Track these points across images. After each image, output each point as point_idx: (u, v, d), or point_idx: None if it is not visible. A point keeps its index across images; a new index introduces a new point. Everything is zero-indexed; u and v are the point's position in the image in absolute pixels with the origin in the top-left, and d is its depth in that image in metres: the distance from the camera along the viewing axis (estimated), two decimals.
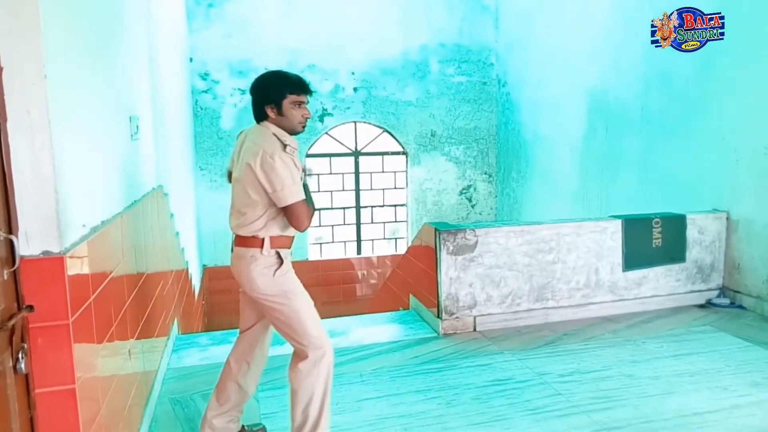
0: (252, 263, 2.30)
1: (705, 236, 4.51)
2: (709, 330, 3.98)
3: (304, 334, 2.32)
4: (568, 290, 4.24)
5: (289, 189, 2.23)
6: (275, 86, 2.33)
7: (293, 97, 2.32)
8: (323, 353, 2.34)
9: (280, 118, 2.33)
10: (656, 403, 2.96)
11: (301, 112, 2.35)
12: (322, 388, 2.34)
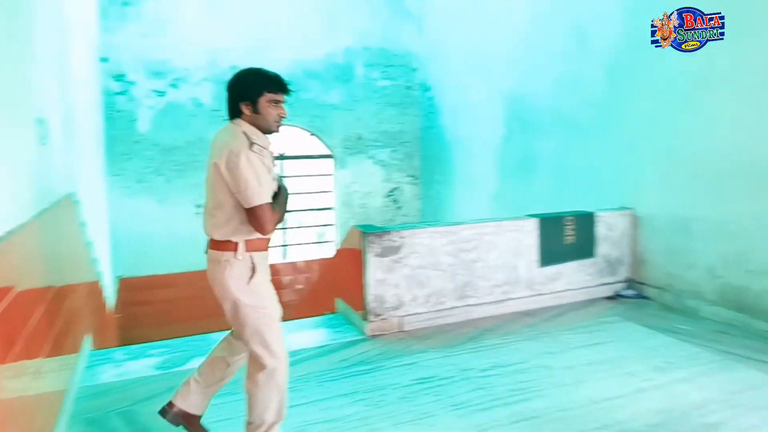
0: (227, 268, 2.25)
1: (613, 232, 4.82)
2: (617, 320, 4.26)
3: (268, 344, 2.31)
4: (489, 287, 4.40)
5: (253, 189, 2.16)
6: (253, 83, 2.28)
7: (270, 95, 2.28)
8: (281, 364, 2.34)
9: (255, 116, 2.29)
10: (570, 392, 3.13)
11: (277, 111, 2.31)
12: (277, 397, 2.35)
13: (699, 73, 4.28)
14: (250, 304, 2.28)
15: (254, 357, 2.35)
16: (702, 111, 4.29)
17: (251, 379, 2.35)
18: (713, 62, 4.15)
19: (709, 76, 4.20)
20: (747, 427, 2.73)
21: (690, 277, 4.42)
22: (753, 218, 3.93)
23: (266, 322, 2.31)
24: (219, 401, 2.69)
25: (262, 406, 2.33)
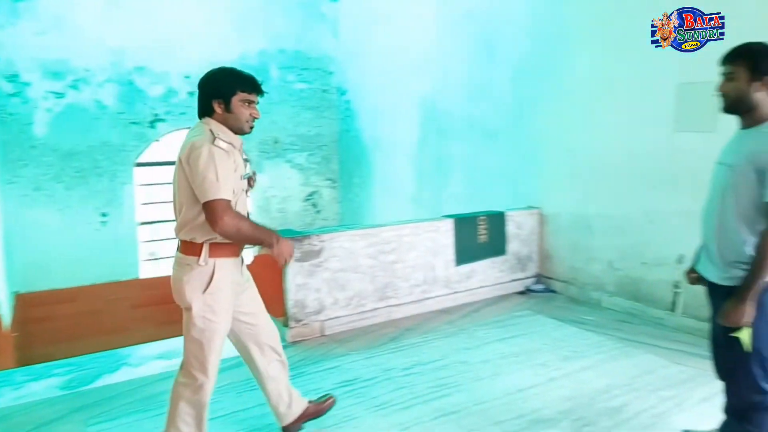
0: (186, 272, 2.21)
1: (522, 230, 5.06)
2: (528, 314, 4.48)
3: (205, 358, 2.27)
4: (409, 287, 4.49)
5: (210, 183, 2.09)
6: (226, 81, 2.25)
7: (243, 94, 2.24)
8: (209, 382, 2.32)
9: (227, 115, 2.24)
10: (488, 385, 3.26)
11: (249, 111, 2.27)
12: (197, 412, 2.33)
13: (596, 80, 4.60)
14: (200, 314, 2.23)
15: (186, 367, 2.31)
16: (599, 116, 4.61)
17: (175, 389, 2.32)
18: (608, 71, 4.48)
19: (604, 83, 4.53)
20: (646, 408, 2.97)
21: (592, 271, 4.73)
22: (645, 215, 4.27)
23: (209, 336, 2.26)
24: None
25: (180, 419, 2.31)
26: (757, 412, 2.13)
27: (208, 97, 2.25)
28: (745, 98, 2.07)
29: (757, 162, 2.01)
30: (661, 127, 4.09)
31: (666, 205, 4.11)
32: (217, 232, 2.13)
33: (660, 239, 4.18)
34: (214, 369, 2.33)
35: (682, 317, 4.04)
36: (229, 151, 2.19)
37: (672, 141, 4.04)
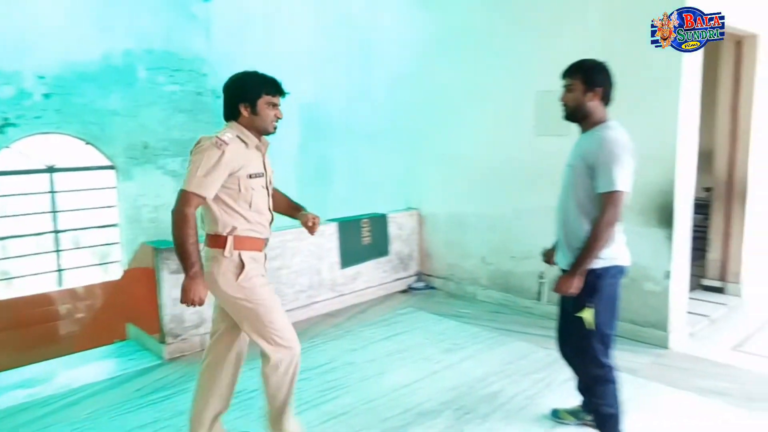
0: (215, 265, 2.29)
1: (403, 231, 5.23)
2: (411, 311, 4.63)
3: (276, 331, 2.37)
4: (294, 293, 4.45)
5: (191, 174, 2.21)
6: (252, 85, 2.35)
7: (268, 97, 2.35)
8: (286, 355, 2.42)
9: (254, 117, 2.34)
10: (375, 384, 3.32)
11: (274, 113, 2.39)
12: (286, 388, 2.45)
13: (467, 86, 4.88)
14: (243, 297, 2.31)
15: (265, 351, 2.40)
16: (470, 121, 4.89)
17: (262, 372, 2.43)
18: (477, 78, 4.77)
19: (474, 90, 4.81)
20: (520, 391, 3.20)
21: (467, 266, 5.01)
22: (513, 212, 4.61)
23: (265, 311, 2.34)
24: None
25: (272, 398, 2.44)
26: (600, 385, 2.42)
27: (234, 101, 2.35)
28: (581, 107, 2.39)
29: (588, 159, 2.32)
30: (524, 132, 4.44)
31: (530, 203, 4.46)
32: (172, 216, 2.21)
33: (526, 234, 4.53)
34: (291, 334, 2.45)
35: (547, 305, 4.41)
36: (232, 149, 2.25)
37: (533, 144, 4.39)
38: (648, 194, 3.76)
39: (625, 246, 2.45)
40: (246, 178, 2.32)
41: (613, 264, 2.36)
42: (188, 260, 2.20)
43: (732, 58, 4.61)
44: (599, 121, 2.40)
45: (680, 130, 3.63)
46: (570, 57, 4.05)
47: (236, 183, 2.30)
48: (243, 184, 2.31)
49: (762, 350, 3.77)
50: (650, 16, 3.69)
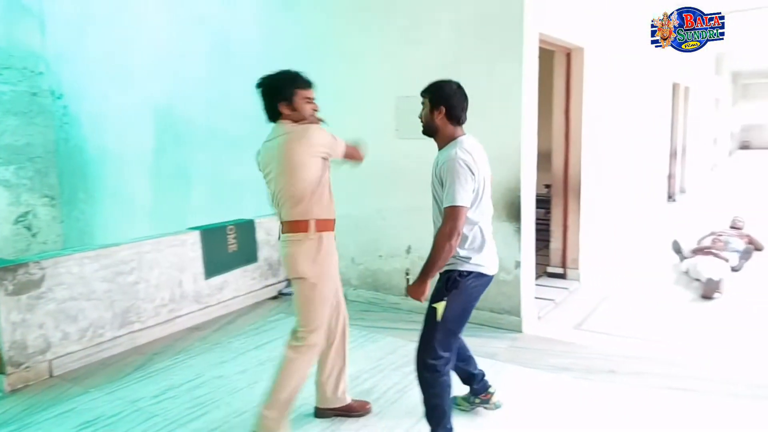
0: (296, 246, 2.53)
1: (271, 236, 5.15)
2: (282, 317, 4.58)
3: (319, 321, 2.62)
4: (154, 308, 4.19)
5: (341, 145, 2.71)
6: (285, 84, 2.52)
7: (302, 92, 2.52)
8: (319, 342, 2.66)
9: (294, 114, 2.52)
10: (246, 395, 3.24)
11: (311, 106, 2.57)
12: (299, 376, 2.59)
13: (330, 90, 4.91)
14: (312, 281, 2.56)
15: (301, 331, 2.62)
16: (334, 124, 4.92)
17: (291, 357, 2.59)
18: (341, 81, 4.84)
19: (338, 93, 4.87)
20: (392, 385, 3.31)
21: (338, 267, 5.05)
22: (378, 213, 4.75)
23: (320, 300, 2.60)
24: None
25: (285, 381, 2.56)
26: (431, 374, 2.53)
27: (273, 103, 2.53)
28: (429, 124, 2.58)
29: (439, 175, 2.50)
30: (386, 135, 4.60)
31: (394, 203, 4.63)
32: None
33: (391, 233, 4.69)
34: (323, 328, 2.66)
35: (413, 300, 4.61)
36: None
37: (395, 146, 4.56)
38: (498, 192, 4.09)
39: (494, 255, 2.64)
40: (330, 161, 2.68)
41: (477, 270, 2.53)
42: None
43: (563, 67, 5.16)
44: (449, 137, 2.55)
45: (523, 133, 4.00)
46: (424, 65, 4.31)
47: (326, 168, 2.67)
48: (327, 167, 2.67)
49: (598, 327, 4.27)
50: (494, 31, 4.02)
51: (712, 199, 11.38)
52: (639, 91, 7.14)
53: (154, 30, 6.41)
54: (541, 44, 4.33)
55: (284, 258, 2.61)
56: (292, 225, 2.56)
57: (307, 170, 2.49)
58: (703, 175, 14.90)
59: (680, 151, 11.42)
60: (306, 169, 2.49)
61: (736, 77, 26.10)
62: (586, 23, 5.10)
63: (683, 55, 10.50)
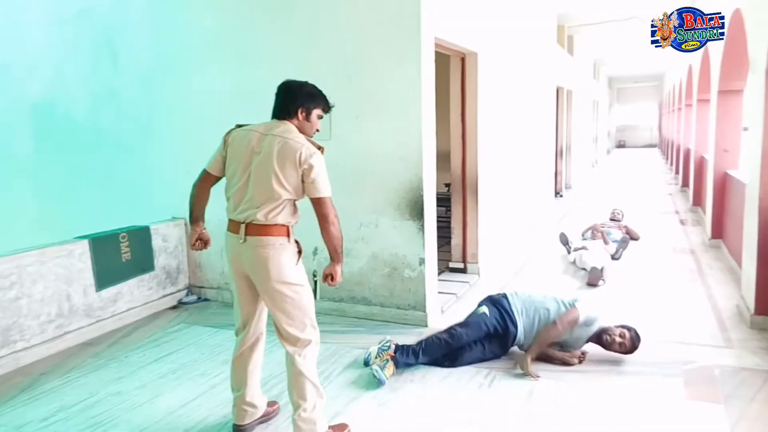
0: (280, 252, 2.52)
1: (168, 243, 4.92)
2: (183, 327, 4.40)
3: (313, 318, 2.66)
4: (39, 325, 3.86)
5: (324, 181, 2.55)
6: (318, 97, 2.61)
7: (320, 111, 2.63)
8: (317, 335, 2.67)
9: (305, 123, 2.59)
10: (147, 411, 3.08)
11: (317, 125, 2.66)
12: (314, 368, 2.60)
13: (224, 90, 4.80)
14: (298, 283, 2.56)
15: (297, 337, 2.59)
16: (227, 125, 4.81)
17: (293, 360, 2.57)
18: (234, 81, 4.72)
19: (232, 93, 4.76)
20: None
21: None
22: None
23: (307, 299, 2.62)
24: None
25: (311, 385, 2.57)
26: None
27: (298, 104, 2.55)
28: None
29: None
30: None
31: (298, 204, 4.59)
32: (326, 226, 2.57)
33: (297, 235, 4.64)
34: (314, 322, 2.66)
35: (321, 301, 4.61)
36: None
37: None
38: (402, 192, 4.19)
39: None
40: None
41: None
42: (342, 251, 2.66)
43: (459, 71, 5.39)
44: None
45: (423, 134, 4.13)
46: (325, 66, 4.33)
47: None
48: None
49: None
50: (393, 34, 4.11)
51: (594, 194, 12.36)
52: (527, 94, 7.61)
53: (29, 24, 5.90)
54: (437, 48, 4.50)
55: (264, 262, 2.50)
56: (272, 229, 2.52)
57: (298, 179, 2.50)
58: (586, 171, 16.15)
59: (565, 150, 12.30)
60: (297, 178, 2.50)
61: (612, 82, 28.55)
62: (479, 29, 5.36)
63: (565, 61, 11.33)
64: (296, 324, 2.57)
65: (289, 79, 2.64)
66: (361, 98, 4.26)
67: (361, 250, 4.41)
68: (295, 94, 2.58)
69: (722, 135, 6.75)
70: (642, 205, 10.20)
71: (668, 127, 20.75)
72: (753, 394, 3.11)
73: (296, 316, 2.56)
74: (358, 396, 3.19)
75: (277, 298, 2.53)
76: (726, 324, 4.24)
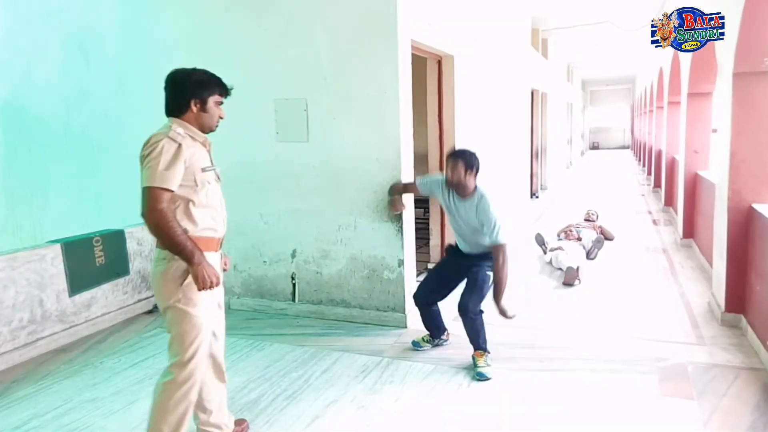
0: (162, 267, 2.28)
1: (144, 247, 4.85)
2: (159, 332, 4.33)
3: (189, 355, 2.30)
4: (11, 331, 3.77)
5: (152, 170, 2.18)
6: (207, 83, 2.38)
7: (218, 97, 2.41)
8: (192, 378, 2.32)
9: (202, 114, 2.37)
10: (122, 417, 3.04)
11: (219, 112, 2.43)
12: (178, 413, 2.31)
13: None
14: (180, 307, 2.28)
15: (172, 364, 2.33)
16: None
17: (160, 388, 2.33)
18: None
19: None
20: (280, 392, 3.27)
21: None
22: (260, 217, 4.66)
23: (190, 329, 2.29)
24: None
25: (160, 418, 2.30)
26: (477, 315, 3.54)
27: (185, 96, 2.33)
28: (463, 182, 3.43)
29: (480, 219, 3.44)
30: (266, 138, 4.53)
31: (276, 206, 4.57)
32: (145, 219, 2.19)
33: (275, 238, 4.63)
34: (200, 364, 2.33)
35: (299, 304, 4.59)
36: (186, 143, 2.26)
37: (275, 149, 4.51)
38: (380, 193, 4.20)
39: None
40: (200, 171, 2.32)
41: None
42: (185, 251, 2.22)
43: (435, 73, 5.42)
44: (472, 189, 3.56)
45: (401, 136, 4.14)
46: (301, 69, 4.31)
47: (192, 177, 2.29)
48: (198, 178, 2.31)
49: None
50: (369, 36, 4.12)
51: (569, 195, 12.55)
52: (503, 97, 7.69)
53: None
54: (413, 51, 4.52)
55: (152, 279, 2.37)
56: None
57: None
58: (561, 173, 16.38)
59: (540, 151, 12.47)
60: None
61: (585, 84, 29.04)
62: (455, 32, 5.40)
63: (540, 64, 11.49)
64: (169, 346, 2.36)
65: (176, 69, 2.40)
66: (338, 99, 4.26)
67: (340, 252, 4.40)
68: (183, 87, 2.35)
69: (692, 136, 6.91)
70: (616, 206, 10.39)
71: (640, 129, 21.16)
72: (725, 389, 3.19)
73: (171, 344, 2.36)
74: (337, 399, 3.18)
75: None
76: (698, 321, 4.34)
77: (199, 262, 2.24)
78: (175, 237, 2.21)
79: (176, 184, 2.24)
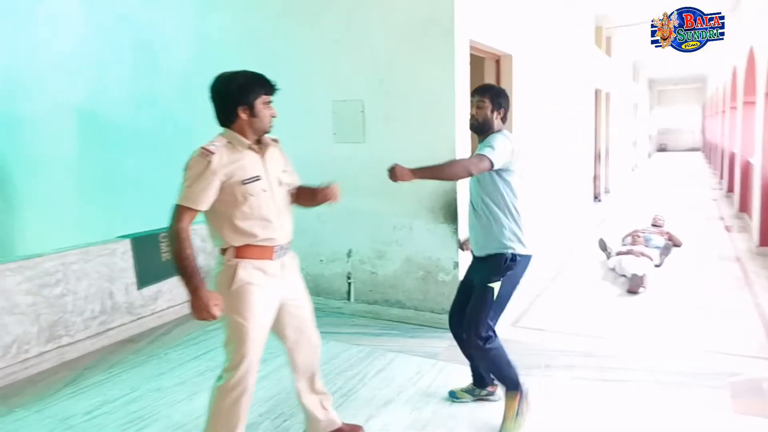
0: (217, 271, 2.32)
1: (207, 243, 5.01)
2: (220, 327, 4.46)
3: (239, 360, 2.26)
4: (83, 321, 3.99)
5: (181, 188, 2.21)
6: (250, 86, 2.25)
7: (265, 96, 2.28)
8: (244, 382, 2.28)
9: (253, 120, 2.26)
10: (185, 407, 3.15)
11: (270, 112, 2.31)
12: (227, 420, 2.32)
13: None
14: (227, 312, 2.24)
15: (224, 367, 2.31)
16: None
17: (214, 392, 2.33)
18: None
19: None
20: (336, 389, 3.30)
21: None
22: (317, 216, 4.72)
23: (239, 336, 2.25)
24: None
25: (216, 420, 2.32)
26: (483, 342, 2.78)
27: (232, 105, 2.24)
28: (488, 121, 2.83)
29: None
30: (324, 138, 4.59)
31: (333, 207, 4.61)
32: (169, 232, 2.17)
33: (331, 237, 4.69)
34: (249, 372, 2.28)
35: (355, 304, 4.63)
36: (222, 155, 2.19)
37: (332, 150, 4.57)
38: (436, 195, 4.18)
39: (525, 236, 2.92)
40: (240, 185, 2.21)
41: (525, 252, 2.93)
42: (185, 276, 2.15)
43: (494, 73, 5.34)
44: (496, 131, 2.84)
45: (457, 137, 4.10)
46: (358, 70, 4.35)
47: (231, 192, 2.21)
48: (239, 192, 2.22)
49: (533, 324, 4.44)
50: (426, 37, 4.10)
51: (634, 199, 12.07)
52: (564, 97, 7.48)
53: (69, 30, 6.12)
54: (471, 51, 4.47)
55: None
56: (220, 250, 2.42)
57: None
58: (625, 176, 15.79)
59: (604, 153, 12.05)
60: None
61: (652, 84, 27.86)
62: (514, 31, 5.31)
63: (603, 63, 11.11)
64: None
65: (216, 77, 2.32)
66: (394, 101, 4.26)
67: (395, 253, 4.41)
68: (227, 95, 2.27)
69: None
70: (685, 211, 9.91)
71: (712, 130, 20.12)
72: None
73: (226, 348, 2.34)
74: (392, 399, 3.18)
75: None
76: None
77: (195, 292, 2.15)
78: (182, 261, 2.15)
79: (202, 203, 2.18)
